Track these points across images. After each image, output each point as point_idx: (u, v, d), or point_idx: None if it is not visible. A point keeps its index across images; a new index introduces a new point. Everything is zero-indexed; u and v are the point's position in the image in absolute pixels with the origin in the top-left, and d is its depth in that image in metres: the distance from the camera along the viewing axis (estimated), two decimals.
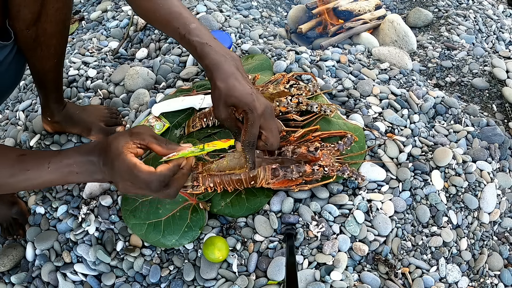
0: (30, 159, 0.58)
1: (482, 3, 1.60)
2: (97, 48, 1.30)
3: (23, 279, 0.84)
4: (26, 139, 1.00)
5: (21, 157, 0.58)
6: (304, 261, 0.76)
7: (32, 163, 0.57)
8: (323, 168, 0.76)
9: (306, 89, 0.93)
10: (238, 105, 0.65)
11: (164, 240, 0.76)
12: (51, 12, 0.67)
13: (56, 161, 0.57)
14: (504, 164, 0.99)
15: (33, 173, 0.57)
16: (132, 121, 0.99)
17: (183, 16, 0.71)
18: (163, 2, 0.71)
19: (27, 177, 0.57)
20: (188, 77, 1.07)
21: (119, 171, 0.54)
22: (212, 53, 0.68)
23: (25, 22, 0.65)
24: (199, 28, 0.70)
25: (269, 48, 1.16)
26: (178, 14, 0.71)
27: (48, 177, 0.57)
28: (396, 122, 0.97)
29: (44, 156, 0.58)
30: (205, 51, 0.68)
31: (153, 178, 0.54)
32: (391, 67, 1.19)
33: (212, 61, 0.67)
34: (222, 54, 0.68)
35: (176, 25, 0.70)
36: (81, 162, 0.57)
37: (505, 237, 0.93)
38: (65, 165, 0.57)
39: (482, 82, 1.25)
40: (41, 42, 0.70)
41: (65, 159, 0.57)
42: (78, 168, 0.57)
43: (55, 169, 0.57)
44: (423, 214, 0.85)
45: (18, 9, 0.62)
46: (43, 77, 0.81)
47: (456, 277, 0.82)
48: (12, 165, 0.56)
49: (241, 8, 1.40)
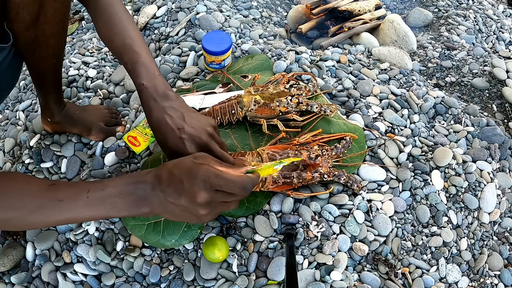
0: (63, 187, 0.51)
1: (482, 3, 1.60)
2: (97, 48, 1.30)
3: (23, 279, 0.84)
4: (26, 139, 1.00)
5: (52, 186, 0.51)
6: (304, 261, 0.76)
7: (65, 193, 0.50)
8: (322, 175, 0.78)
9: (306, 89, 0.93)
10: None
11: (163, 240, 0.76)
12: (50, 13, 0.66)
13: (97, 189, 0.51)
14: (504, 164, 0.99)
15: (66, 205, 0.49)
16: (132, 121, 0.99)
17: (132, 50, 0.68)
18: (119, 30, 0.69)
19: (58, 211, 0.49)
20: (188, 77, 1.07)
21: (193, 187, 0.49)
22: (144, 95, 0.65)
23: (24, 24, 0.64)
24: (144, 64, 0.67)
25: (269, 48, 1.16)
26: (129, 47, 0.68)
27: (84, 209, 0.50)
28: (396, 122, 0.97)
29: (80, 185, 0.52)
30: (140, 90, 0.66)
31: (246, 180, 0.52)
32: (391, 67, 1.19)
33: (144, 104, 0.66)
34: (154, 97, 0.65)
35: (125, 59, 0.68)
36: (128, 191, 0.52)
37: (505, 237, 0.93)
38: (108, 195, 0.51)
39: (482, 82, 1.25)
40: (40, 43, 0.70)
41: (108, 188, 0.51)
42: (123, 199, 0.51)
43: (96, 199, 0.50)
44: (423, 214, 0.85)
45: (17, 11, 0.62)
46: (42, 78, 0.81)
47: (456, 277, 0.82)
48: (40, 195, 0.49)
49: (241, 8, 1.40)
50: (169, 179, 0.52)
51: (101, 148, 0.93)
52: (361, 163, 0.87)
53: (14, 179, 0.51)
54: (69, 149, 0.94)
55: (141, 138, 0.90)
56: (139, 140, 0.89)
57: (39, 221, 0.50)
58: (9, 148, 1.04)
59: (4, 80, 0.69)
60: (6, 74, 0.68)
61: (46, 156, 0.95)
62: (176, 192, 0.51)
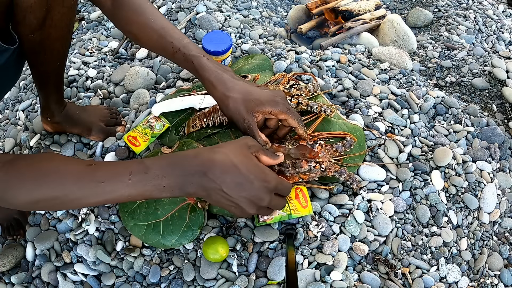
0: (103, 169, 0.51)
1: (482, 3, 1.60)
2: (97, 48, 1.30)
3: (23, 279, 0.84)
4: (26, 139, 1.00)
5: (91, 167, 0.51)
6: (304, 261, 0.76)
7: (106, 174, 0.50)
8: (320, 165, 0.77)
9: (306, 89, 0.93)
10: (263, 106, 0.68)
11: (163, 240, 0.75)
12: (57, 17, 0.66)
13: (140, 171, 0.51)
14: (504, 164, 0.99)
15: (108, 186, 0.49)
16: (132, 121, 0.99)
17: (175, 32, 0.72)
18: (154, 17, 0.72)
19: (100, 191, 0.49)
20: (188, 77, 1.07)
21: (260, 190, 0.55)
22: (211, 65, 0.69)
23: (30, 27, 0.64)
24: (191, 43, 0.72)
25: (269, 48, 1.16)
26: (170, 29, 0.72)
27: (125, 191, 0.50)
28: (396, 122, 0.97)
29: (122, 165, 0.52)
30: (203, 63, 0.69)
31: (285, 182, 0.62)
32: (391, 67, 1.19)
33: (213, 73, 0.69)
34: (218, 66, 0.70)
35: (169, 39, 0.71)
36: (173, 174, 0.51)
37: (505, 237, 0.93)
38: (152, 177, 0.51)
39: (482, 82, 1.25)
40: (45, 46, 0.70)
41: (152, 170, 0.51)
42: (168, 181, 0.51)
43: (138, 181, 0.50)
44: (423, 214, 0.85)
45: (24, 15, 0.62)
46: (44, 79, 0.81)
47: (456, 277, 0.82)
48: (80, 176, 0.49)
49: (241, 8, 1.40)
50: (232, 173, 0.54)
51: (101, 148, 0.93)
52: (361, 163, 0.86)
53: (53, 160, 0.51)
54: (69, 149, 0.94)
55: (141, 138, 0.90)
56: (139, 140, 0.89)
57: (81, 202, 0.50)
58: (9, 148, 1.04)
59: (6, 80, 0.69)
60: (8, 74, 0.68)
61: None
62: (240, 188, 0.54)
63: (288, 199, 0.76)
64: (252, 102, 0.67)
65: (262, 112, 0.69)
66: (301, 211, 0.75)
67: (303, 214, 0.75)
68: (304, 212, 0.75)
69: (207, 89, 0.71)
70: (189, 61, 0.70)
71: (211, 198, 0.55)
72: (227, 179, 0.54)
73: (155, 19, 0.72)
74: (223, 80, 0.68)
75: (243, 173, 0.54)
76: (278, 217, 0.74)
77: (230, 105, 0.68)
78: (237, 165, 0.55)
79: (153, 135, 0.90)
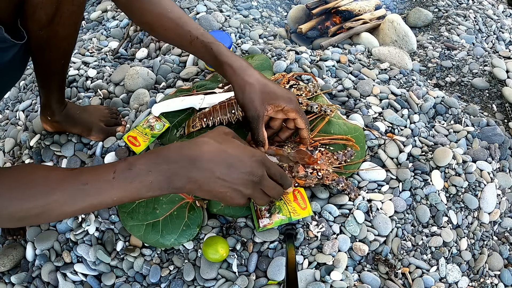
0: (87, 172, 0.48)
1: (482, 3, 1.60)
2: (97, 48, 1.30)
3: (23, 279, 0.84)
4: (26, 139, 1.00)
5: (75, 171, 0.48)
6: (304, 261, 0.76)
7: (90, 175, 0.47)
8: (317, 172, 0.77)
9: (306, 89, 0.93)
10: (277, 100, 0.69)
11: (163, 240, 0.76)
12: (66, 15, 0.67)
13: (123, 168, 0.48)
14: (504, 164, 0.99)
15: (92, 187, 0.46)
16: (132, 121, 0.99)
17: (192, 21, 0.75)
18: (171, 8, 0.74)
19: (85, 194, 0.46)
20: (188, 77, 1.07)
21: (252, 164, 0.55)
22: (230, 53, 0.72)
23: (39, 24, 0.65)
24: (207, 33, 0.75)
25: (269, 48, 1.16)
26: (187, 19, 0.75)
27: (111, 192, 0.47)
28: (396, 122, 0.97)
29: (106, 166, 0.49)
30: (222, 50, 0.72)
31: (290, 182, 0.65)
32: (391, 67, 1.19)
33: (234, 59, 0.71)
34: (237, 55, 0.73)
35: (187, 28, 0.74)
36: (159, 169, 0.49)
37: (505, 237, 0.93)
38: (137, 172, 0.48)
39: (482, 82, 1.25)
40: (51, 44, 0.71)
41: (136, 166, 0.48)
42: (154, 175, 0.49)
43: (123, 179, 0.47)
44: (423, 214, 0.84)
45: (34, 10, 0.62)
46: (48, 78, 0.82)
47: (456, 277, 0.82)
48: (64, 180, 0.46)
49: (241, 8, 1.40)
50: (221, 157, 0.54)
51: (101, 148, 0.93)
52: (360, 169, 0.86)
53: (37, 169, 0.50)
54: (69, 149, 0.94)
55: (141, 138, 0.90)
56: (139, 140, 0.89)
57: (65, 210, 0.47)
58: (9, 148, 1.04)
59: (10, 76, 0.69)
60: (13, 70, 0.68)
61: (46, 156, 0.95)
62: (232, 168, 0.54)
63: (286, 202, 0.75)
64: (268, 94, 0.69)
65: (275, 106, 0.70)
66: (301, 213, 0.75)
67: (303, 216, 0.75)
68: (303, 214, 0.75)
69: (226, 74, 0.72)
70: (208, 48, 0.72)
71: (202, 190, 0.53)
72: (218, 164, 0.53)
73: (171, 9, 0.74)
74: (243, 67, 0.70)
75: (232, 154, 0.55)
76: (278, 221, 0.74)
77: (246, 92, 0.69)
78: (224, 149, 0.55)
79: (153, 135, 0.90)
